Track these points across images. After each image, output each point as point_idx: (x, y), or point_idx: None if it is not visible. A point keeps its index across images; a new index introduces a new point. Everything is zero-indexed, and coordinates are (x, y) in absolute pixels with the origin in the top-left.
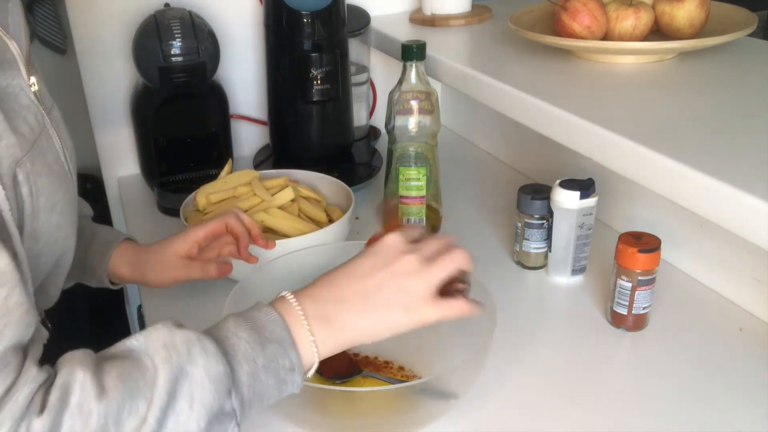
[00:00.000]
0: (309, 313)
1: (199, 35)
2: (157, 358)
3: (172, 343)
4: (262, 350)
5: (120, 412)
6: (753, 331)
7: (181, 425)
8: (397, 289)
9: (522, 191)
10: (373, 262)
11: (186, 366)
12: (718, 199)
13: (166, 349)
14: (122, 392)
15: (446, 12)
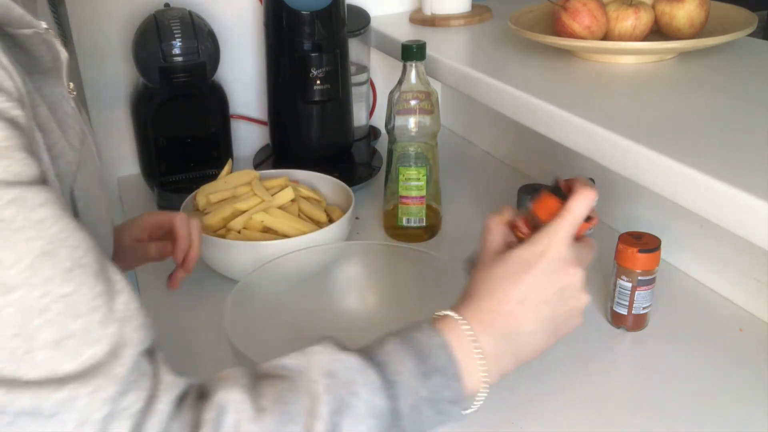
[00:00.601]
0: (483, 344)
1: (199, 35)
2: (318, 386)
3: (334, 371)
4: (426, 381)
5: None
6: (753, 331)
7: None
8: (568, 311)
9: (522, 191)
10: (540, 284)
11: (348, 398)
12: (718, 199)
13: (328, 376)
14: (280, 417)
15: (446, 12)
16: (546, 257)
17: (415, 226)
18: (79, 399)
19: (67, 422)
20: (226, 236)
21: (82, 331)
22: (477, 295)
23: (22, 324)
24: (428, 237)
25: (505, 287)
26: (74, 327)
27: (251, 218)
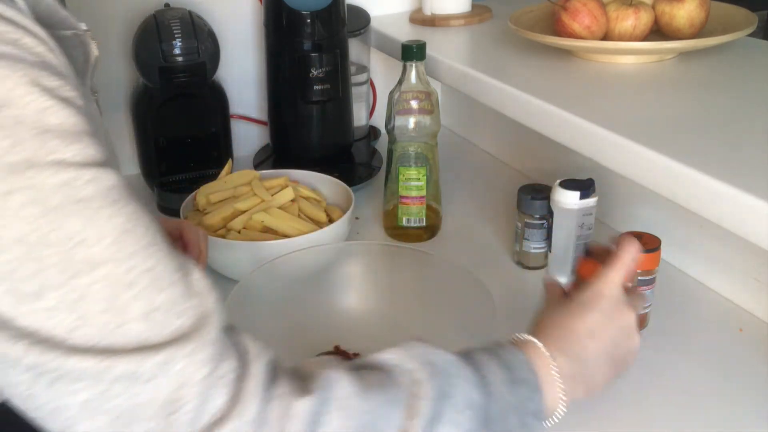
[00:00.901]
0: (559, 364)
1: (199, 35)
2: (419, 373)
3: (433, 361)
4: (513, 390)
5: (380, 417)
6: (753, 331)
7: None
8: (626, 348)
9: (522, 191)
10: (603, 320)
11: (448, 388)
12: (718, 199)
13: (428, 365)
14: (385, 396)
15: (446, 12)
16: (604, 297)
17: (415, 226)
18: (176, 362)
19: (164, 386)
20: (226, 236)
21: (168, 304)
22: (546, 329)
23: (112, 299)
24: (428, 237)
25: (571, 322)
26: (160, 300)
27: (251, 218)
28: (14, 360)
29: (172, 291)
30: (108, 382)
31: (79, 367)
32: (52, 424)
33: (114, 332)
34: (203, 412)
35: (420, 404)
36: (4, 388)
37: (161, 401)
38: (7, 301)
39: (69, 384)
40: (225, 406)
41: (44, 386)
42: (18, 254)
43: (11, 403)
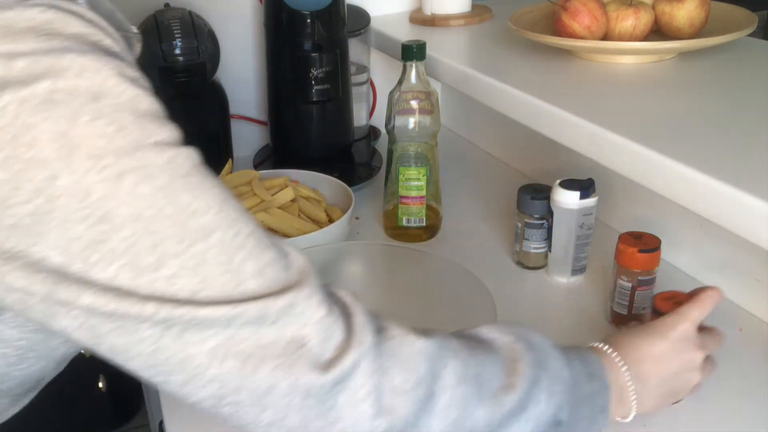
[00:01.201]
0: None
1: (199, 35)
2: (517, 345)
3: (528, 338)
4: (589, 381)
5: (486, 371)
6: (753, 331)
7: (537, 411)
8: (683, 381)
9: (522, 191)
10: (671, 350)
11: (543, 360)
12: (718, 199)
13: (524, 341)
14: (487, 357)
15: (446, 12)
16: (677, 330)
17: (415, 226)
18: (297, 305)
19: (288, 327)
20: None
21: (274, 261)
22: (615, 343)
23: (227, 261)
24: (428, 237)
25: (640, 344)
26: (267, 258)
27: None
28: (145, 317)
29: (273, 250)
30: (236, 327)
31: (212, 316)
32: (179, 375)
33: (233, 291)
34: (326, 348)
35: (520, 366)
36: (123, 351)
37: (285, 341)
38: (126, 275)
39: (199, 332)
40: (343, 340)
41: (172, 338)
42: (136, 230)
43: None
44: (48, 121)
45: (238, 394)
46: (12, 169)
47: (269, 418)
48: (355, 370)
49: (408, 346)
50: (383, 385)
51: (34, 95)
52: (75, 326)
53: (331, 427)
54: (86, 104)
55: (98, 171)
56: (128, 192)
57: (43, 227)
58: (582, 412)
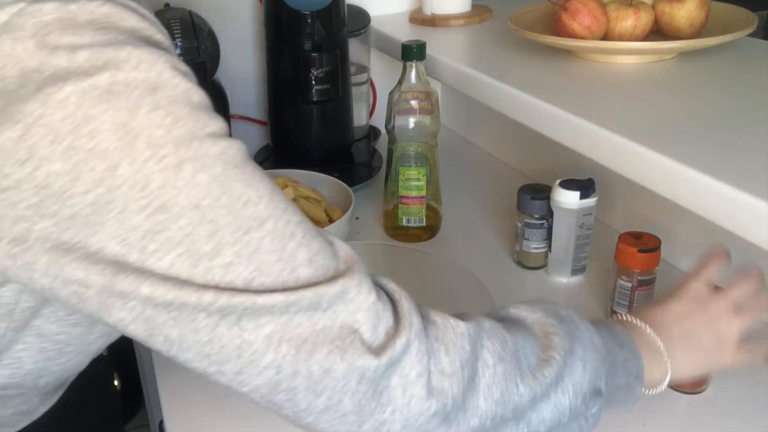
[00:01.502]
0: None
1: (199, 35)
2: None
3: (557, 312)
4: (620, 350)
5: (523, 347)
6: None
7: (574, 381)
8: (712, 335)
9: (522, 191)
10: (689, 307)
11: (575, 331)
12: (718, 199)
13: (554, 315)
14: (521, 334)
15: (446, 12)
16: (688, 291)
17: (415, 226)
18: (349, 291)
19: (341, 313)
20: None
21: (323, 249)
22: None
23: (281, 249)
24: (428, 237)
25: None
26: (316, 246)
27: None
28: (202, 306)
29: (321, 239)
30: (291, 313)
31: (269, 303)
32: (234, 363)
33: (287, 279)
34: (377, 332)
35: (554, 340)
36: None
37: (338, 327)
38: (183, 264)
39: (255, 320)
40: (393, 324)
41: (228, 326)
42: (194, 219)
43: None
44: (109, 112)
45: (293, 380)
46: (73, 160)
47: (324, 403)
48: (406, 352)
49: (451, 330)
50: (432, 367)
51: (95, 87)
52: (130, 319)
53: (383, 409)
54: (144, 96)
55: (158, 161)
56: (186, 181)
57: (102, 217)
58: (618, 380)
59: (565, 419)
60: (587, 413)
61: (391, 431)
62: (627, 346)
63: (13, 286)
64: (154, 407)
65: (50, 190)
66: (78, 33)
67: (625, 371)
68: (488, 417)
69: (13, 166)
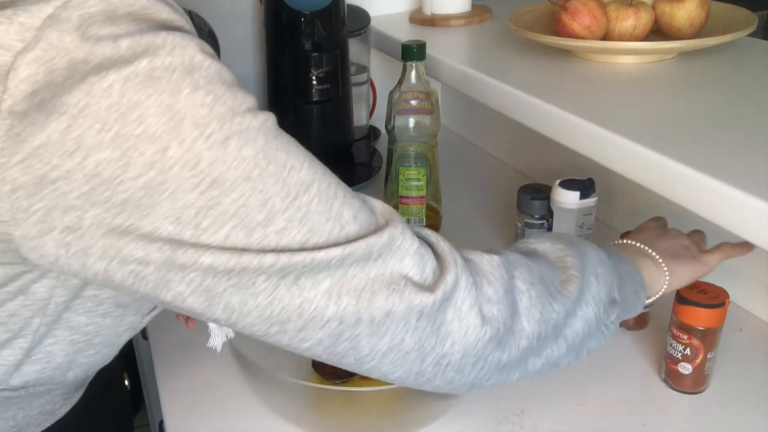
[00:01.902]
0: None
1: (199, 35)
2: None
3: (560, 236)
4: (622, 263)
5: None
6: (753, 331)
7: (592, 293)
8: (681, 246)
9: (522, 191)
10: (656, 233)
11: (582, 250)
12: (718, 199)
13: (558, 239)
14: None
15: (446, 12)
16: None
17: (415, 226)
18: (396, 240)
19: (390, 260)
20: None
21: (362, 206)
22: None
23: (328, 210)
24: None
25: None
26: (357, 204)
27: None
28: (262, 269)
29: (358, 196)
30: (346, 266)
31: (326, 258)
32: (296, 321)
33: (338, 236)
34: (425, 273)
35: (568, 261)
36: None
37: (390, 273)
38: (238, 235)
39: (312, 277)
40: (437, 265)
41: (288, 286)
42: (245, 190)
43: None
44: (153, 97)
45: (356, 328)
46: (122, 147)
47: (387, 344)
48: (456, 287)
49: (487, 263)
50: (481, 297)
51: (136, 73)
52: (189, 291)
53: (443, 341)
54: (183, 78)
55: (205, 139)
56: (234, 156)
57: (154, 200)
58: (627, 288)
59: (593, 329)
60: (607, 321)
61: (451, 362)
62: (626, 260)
63: (48, 281)
64: (154, 407)
65: (101, 177)
66: (117, 24)
67: (631, 280)
68: (534, 336)
69: (61, 157)
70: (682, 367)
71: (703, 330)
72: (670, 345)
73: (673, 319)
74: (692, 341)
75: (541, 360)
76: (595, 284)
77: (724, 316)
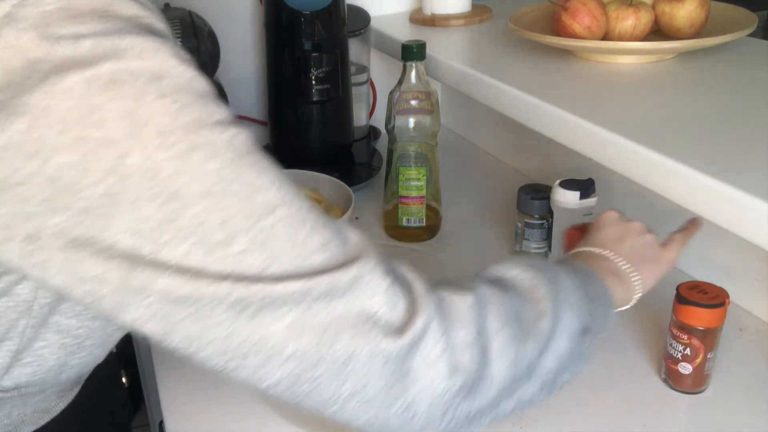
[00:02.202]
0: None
1: (199, 35)
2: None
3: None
4: (590, 282)
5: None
6: (753, 331)
7: (567, 326)
8: (645, 246)
9: (522, 191)
10: (617, 229)
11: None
12: (718, 199)
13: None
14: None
15: (446, 12)
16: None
17: (415, 226)
18: (364, 276)
19: (358, 298)
20: None
21: (334, 235)
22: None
23: (292, 236)
24: (428, 237)
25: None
26: (328, 232)
27: None
28: (219, 298)
29: (332, 225)
30: (309, 301)
31: (285, 292)
32: (254, 357)
33: (301, 265)
34: (395, 315)
35: (541, 291)
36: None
37: (357, 312)
38: (197, 253)
39: (273, 311)
40: (409, 306)
41: (247, 319)
42: (205, 206)
43: None
44: (115, 100)
45: (317, 369)
46: (82, 150)
47: (349, 389)
48: (426, 332)
49: (460, 304)
50: (451, 343)
51: (98, 76)
52: (147, 316)
53: (409, 389)
54: (150, 83)
55: (167, 148)
56: (197, 168)
57: (114, 209)
58: (597, 311)
59: (567, 363)
60: (582, 349)
61: (417, 413)
62: (593, 278)
63: (30, 283)
64: (154, 407)
65: (61, 183)
66: (80, 22)
67: (600, 302)
68: (506, 380)
69: (23, 159)
70: (682, 367)
71: (703, 330)
72: (670, 345)
73: (673, 319)
74: (692, 341)
75: (513, 401)
76: (569, 316)
77: (724, 316)
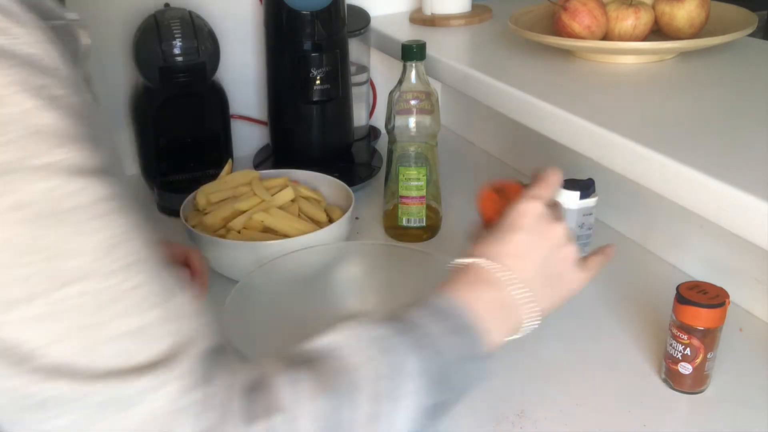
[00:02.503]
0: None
1: (199, 35)
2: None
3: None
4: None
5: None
6: (753, 331)
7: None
8: (561, 260)
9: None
10: (532, 236)
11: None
12: (718, 199)
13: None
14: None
15: (446, 12)
16: (527, 214)
17: (415, 226)
18: (167, 385)
19: (137, 415)
20: (226, 236)
21: (146, 327)
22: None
23: (92, 314)
24: (428, 237)
25: (503, 248)
26: (149, 319)
27: (251, 218)
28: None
29: (151, 314)
30: (91, 407)
31: (59, 393)
32: None
33: (89, 352)
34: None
35: (381, 385)
36: None
37: (146, 429)
38: None
39: (51, 408)
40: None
41: (32, 411)
42: (2, 259)
43: None
44: None
45: None
46: None
47: None
48: None
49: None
50: None
51: None
52: None
53: None
54: None
55: None
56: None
57: None
58: (453, 379)
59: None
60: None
61: None
62: (459, 326)
63: None
64: None
65: None
66: None
67: (459, 366)
68: None
69: None
70: (682, 367)
71: (703, 330)
72: (670, 345)
73: (673, 319)
74: (692, 341)
75: None
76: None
77: (724, 316)
